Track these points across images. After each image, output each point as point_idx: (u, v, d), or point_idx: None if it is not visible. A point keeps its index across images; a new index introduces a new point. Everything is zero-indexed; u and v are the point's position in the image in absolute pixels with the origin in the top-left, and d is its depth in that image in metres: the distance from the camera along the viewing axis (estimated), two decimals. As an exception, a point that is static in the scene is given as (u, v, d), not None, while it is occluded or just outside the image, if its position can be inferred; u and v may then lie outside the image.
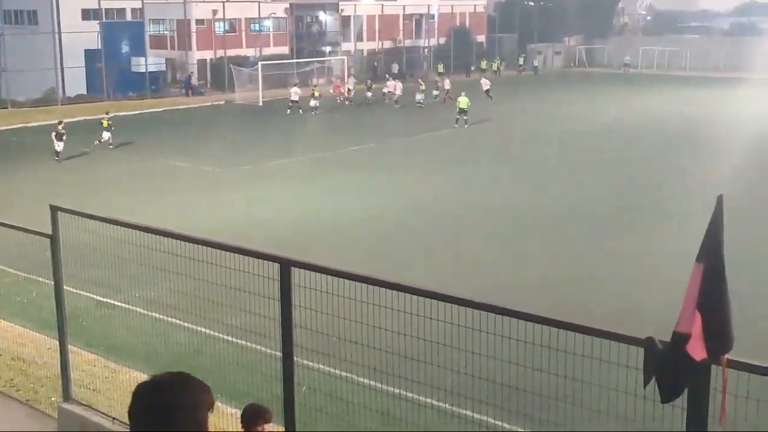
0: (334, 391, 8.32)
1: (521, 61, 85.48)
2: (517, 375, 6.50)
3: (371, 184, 29.45)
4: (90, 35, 58.35)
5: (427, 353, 6.84)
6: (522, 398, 6.86)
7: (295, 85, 53.56)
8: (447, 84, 58.59)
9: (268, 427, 7.33)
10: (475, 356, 6.74)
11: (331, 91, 57.16)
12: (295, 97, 51.18)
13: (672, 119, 46.93)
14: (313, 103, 50.51)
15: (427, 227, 23.20)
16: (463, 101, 44.64)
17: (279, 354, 7.44)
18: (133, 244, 9.15)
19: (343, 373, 8.22)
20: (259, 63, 59.41)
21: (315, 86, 55.29)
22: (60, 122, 36.10)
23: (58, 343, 10.50)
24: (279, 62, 63.89)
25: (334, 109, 52.86)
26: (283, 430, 7.28)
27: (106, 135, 37.95)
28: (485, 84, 57.73)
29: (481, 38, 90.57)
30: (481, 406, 7.48)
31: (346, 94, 57.07)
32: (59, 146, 34.20)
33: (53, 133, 34.69)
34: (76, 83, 58.22)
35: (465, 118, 44.36)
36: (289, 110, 50.56)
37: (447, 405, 8.02)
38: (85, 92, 58.66)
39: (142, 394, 3.09)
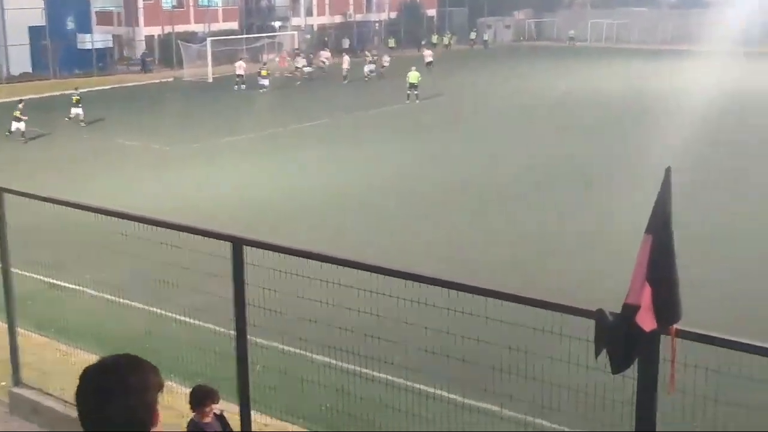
0: (288, 369, 8.32)
1: (473, 35, 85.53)
2: (471, 349, 6.55)
3: (325, 160, 29.34)
4: (34, 12, 57.11)
5: (382, 330, 6.86)
6: (476, 371, 6.92)
7: (240, 59, 53.01)
8: (386, 60, 58.51)
9: (215, 407, 7.32)
10: (430, 331, 6.77)
11: (277, 61, 56.98)
12: (240, 71, 50.75)
13: (622, 92, 47.37)
14: (261, 81, 49.99)
15: (387, 203, 23.17)
16: (413, 76, 44.59)
17: (233, 333, 7.41)
18: (82, 225, 9.04)
19: (299, 351, 8.22)
20: (208, 39, 58.71)
21: (265, 63, 54.62)
22: (21, 101, 35.32)
23: (6, 326, 10.34)
24: (228, 38, 63.18)
25: (283, 86, 52.45)
26: (237, 410, 7.26)
27: (75, 111, 37.51)
28: (428, 56, 58.42)
29: (432, 12, 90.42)
30: (437, 380, 7.54)
31: (295, 71, 56.79)
32: (18, 126, 33.41)
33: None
34: (20, 61, 57.02)
35: (416, 92, 44.35)
36: (236, 86, 50.11)
37: (401, 380, 8.06)
38: (30, 70, 57.51)
39: (89, 377, 3.03)
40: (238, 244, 7.20)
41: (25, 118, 33.73)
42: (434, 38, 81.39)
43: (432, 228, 20.45)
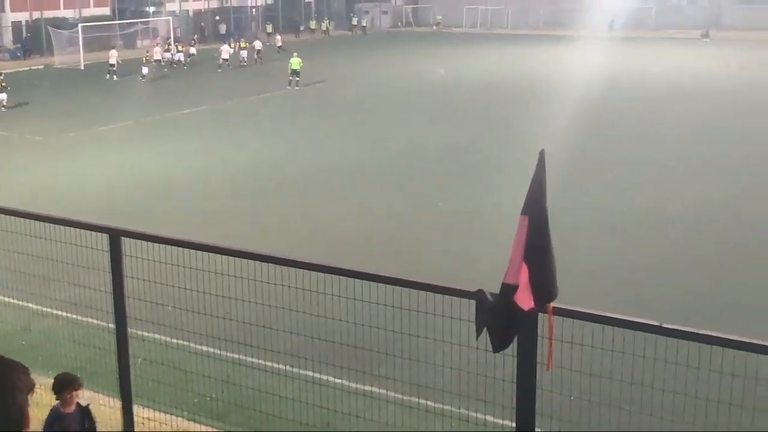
0: (171, 361, 8.20)
1: (354, 21, 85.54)
2: (355, 334, 6.61)
3: (206, 147, 28.88)
4: None
5: (266, 318, 6.84)
6: (361, 356, 6.99)
7: (113, 48, 51.56)
8: (279, 41, 58.63)
9: (79, 393, 7.22)
10: (313, 318, 6.80)
11: (148, 52, 55.87)
12: (113, 61, 49.16)
13: (498, 76, 48.31)
14: (143, 69, 48.27)
15: (269, 189, 22.99)
16: (294, 62, 44.41)
17: (112, 326, 7.27)
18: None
19: (181, 342, 8.11)
20: (80, 25, 56.88)
21: (148, 51, 53.10)
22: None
23: None
24: (100, 23, 61.37)
25: (159, 74, 51.29)
26: (119, 405, 7.12)
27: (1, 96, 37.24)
28: (278, 41, 62.57)
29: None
30: (320, 366, 7.58)
31: (171, 57, 55.76)
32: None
33: None
34: None
35: (297, 79, 44.19)
36: (108, 74, 48.81)
37: (287, 367, 8.07)
38: None
39: None
40: (115, 236, 7.06)
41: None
42: (312, 24, 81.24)
43: (307, 213, 20.43)
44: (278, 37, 66.57)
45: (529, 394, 5.07)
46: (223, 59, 53.79)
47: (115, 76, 48.52)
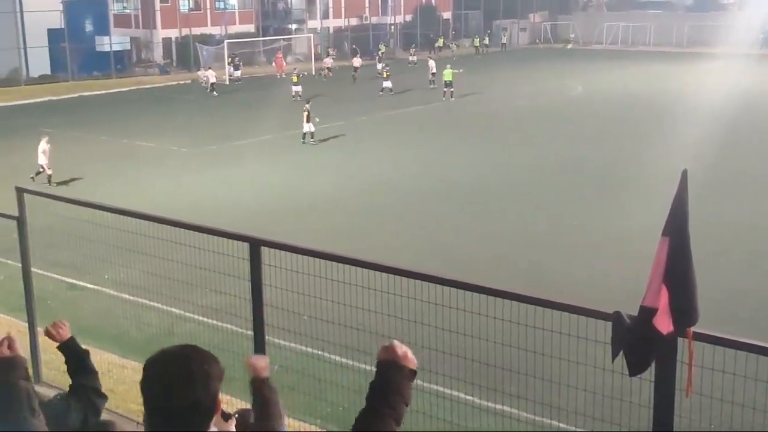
0: (306, 369, 8.36)
1: (486, 39, 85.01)
2: (486, 350, 6.58)
3: (338, 161, 29.33)
4: (53, 14, 57.50)
5: (397, 330, 6.90)
6: (492, 373, 6.94)
7: (209, 68, 52.27)
8: (357, 62, 58.40)
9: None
10: (444, 332, 6.81)
11: (273, 64, 57.25)
12: (213, 80, 50.00)
13: (639, 94, 47.19)
14: (295, 89, 46.99)
15: (399, 204, 23.15)
16: (447, 73, 44.82)
17: (250, 333, 7.47)
18: (100, 226, 9.12)
19: (316, 351, 8.26)
20: (225, 41, 58.91)
21: (295, 68, 53.60)
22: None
23: (26, 325, 10.44)
24: (244, 40, 63.39)
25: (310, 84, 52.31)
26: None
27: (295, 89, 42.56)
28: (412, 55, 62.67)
29: (447, 15, 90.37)
30: (451, 381, 7.56)
31: (325, 72, 56.95)
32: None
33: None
34: (39, 63, 57.35)
35: (451, 90, 44.52)
36: (209, 90, 49.54)
37: (417, 381, 8.08)
38: (49, 72, 57.85)
39: (154, 368, 3.11)
40: (255, 245, 7.26)
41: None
42: (440, 41, 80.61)
43: (440, 227, 20.43)
44: (412, 50, 67.37)
45: (667, 421, 4.92)
46: (354, 67, 55.30)
47: (215, 93, 49.32)
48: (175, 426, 3.05)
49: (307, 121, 32.82)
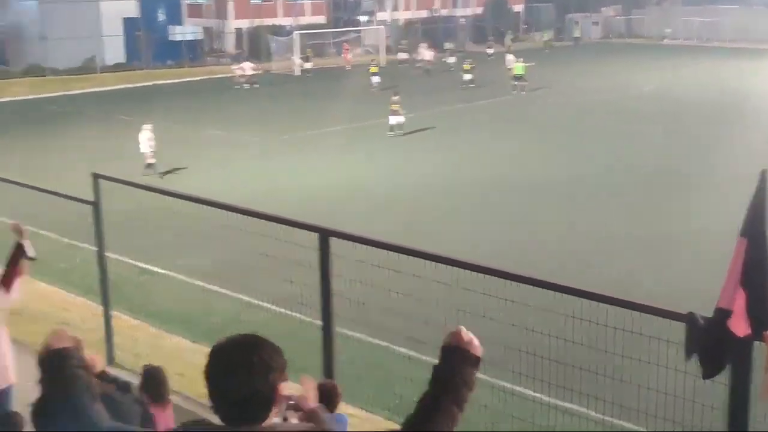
0: (373, 360, 8.41)
1: (552, 33, 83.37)
2: (557, 348, 6.54)
3: (416, 154, 29.21)
4: (128, 3, 58.60)
5: (466, 325, 6.88)
6: (562, 371, 6.90)
7: (245, 60, 52.05)
8: (428, 55, 57.64)
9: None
10: (514, 329, 6.78)
11: (373, 60, 57.15)
12: (249, 72, 49.62)
13: (715, 91, 46.19)
14: (375, 80, 47.11)
15: (492, 197, 23.01)
16: (518, 67, 44.40)
17: (318, 323, 7.54)
18: (173, 212, 9.29)
19: (383, 343, 8.29)
20: (295, 32, 59.33)
21: (373, 60, 53.15)
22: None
23: (101, 308, 10.71)
24: (315, 31, 63.76)
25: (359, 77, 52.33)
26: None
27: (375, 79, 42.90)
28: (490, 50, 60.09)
29: (518, 8, 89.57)
30: (520, 377, 7.53)
31: (425, 64, 56.15)
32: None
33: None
34: (114, 52, 58.51)
35: (523, 84, 44.13)
36: (238, 86, 49.01)
37: (486, 376, 8.08)
38: (123, 61, 58.97)
39: (216, 355, 3.19)
40: (324, 235, 7.33)
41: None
42: (509, 35, 79.53)
43: (512, 224, 20.31)
44: (489, 43, 66.81)
45: (741, 425, 4.85)
46: (425, 60, 54.75)
47: (246, 85, 48.82)
48: (233, 413, 3.13)
49: (395, 114, 32.73)
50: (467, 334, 3.28)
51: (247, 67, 50.20)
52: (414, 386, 8.30)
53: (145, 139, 26.24)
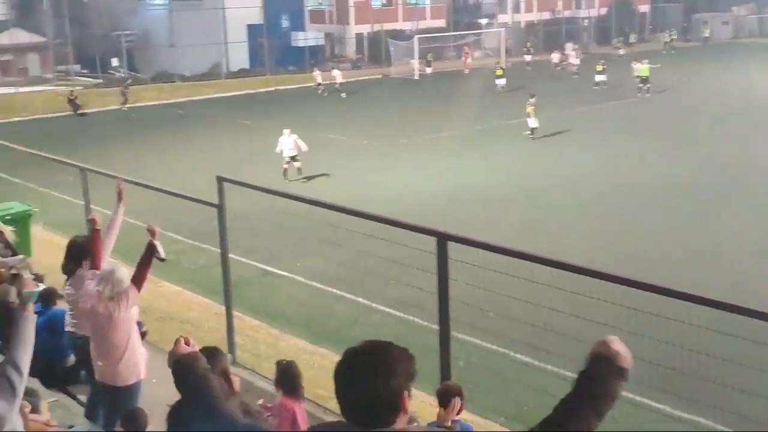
0: (490, 366, 8.33)
1: (667, 36, 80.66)
2: (679, 358, 6.33)
3: (539, 157, 28.86)
4: (253, 10, 59.98)
5: (585, 333, 6.72)
6: (682, 381, 6.68)
7: (330, 69, 51.92)
8: (556, 57, 56.86)
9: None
10: (631, 336, 6.59)
11: (497, 63, 56.83)
12: (340, 79, 49.39)
13: None
14: (500, 82, 47.40)
15: (590, 203, 22.56)
16: (643, 69, 43.57)
17: (435, 327, 7.51)
18: (293, 215, 9.43)
19: (500, 349, 8.20)
20: (416, 36, 59.52)
21: (498, 63, 52.42)
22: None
23: (223, 308, 10.96)
24: (435, 35, 63.81)
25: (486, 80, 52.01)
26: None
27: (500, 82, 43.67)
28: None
29: (644, 8, 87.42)
30: (637, 387, 7.31)
31: (571, 68, 55.13)
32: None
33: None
34: (239, 58, 60.01)
35: (648, 86, 43.27)
36: (320, 91, 49.06)
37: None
38: (247, 66, 60.40)
39: (344, 359, 3.24)
40: (442, 240, 7.30)
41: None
42: (633, 36, 77.38)
43: (638, 230, 19.78)
44: (618, 43, 65.30)
45: None
46: (554, 63, 53.83)
47: (325, 93, 48.60)
48: (358, 415, 3.16)
49: (530, 116, 32.37)
50: (617, 345, 3.20)
51: (339, 76, 50.15)
52: (532, 394, 8.21)
53: (288, 142, 26.10)
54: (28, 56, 59.45)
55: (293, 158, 25.89)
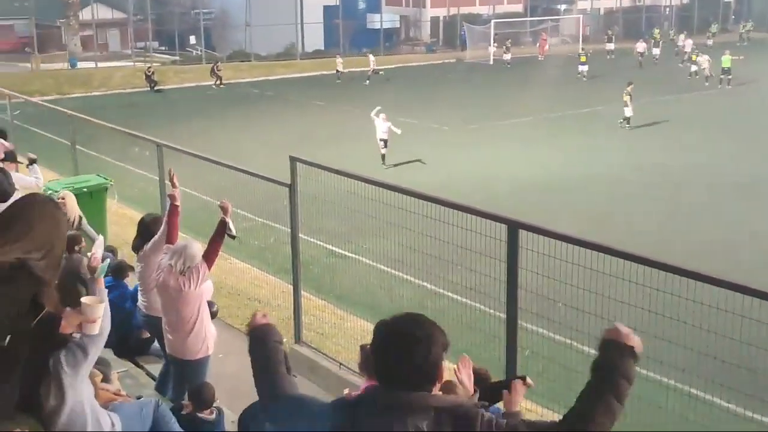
0: (555, 356, 8.26)
1: (749, 25, 78.25)
2: (755, 356, 6.19)
3: (611, 147, 28.40)
4: (329, -9, 60.34)
5: (654, 326, 6.61)
6: (755, 380, 6.53)
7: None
8: (641, 47, 55.20)
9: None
10: (704, 332, 6.47)
11: (538, 46, 56.23)
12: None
13: None
14: (582, 69, 46.76)
15: (658, 194, 22.20)
16: (725, 60, 42.80)
17: (501, 315, 7.47)
18: (362, 197, 9.45)
19: (567, 341, 8.12)
20: (492, 21, 59.06)
21: (582, 49, 50.84)
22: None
23: (291, 287, 11.06)
24: (512, 20, 63.23)
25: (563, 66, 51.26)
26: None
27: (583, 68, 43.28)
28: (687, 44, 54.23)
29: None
30: (707, 384, 7.18)
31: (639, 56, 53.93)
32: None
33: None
34: (314, 38, 60.33)
35: (729, 77, 42.47)
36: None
37: (670, 380, 7.77)
38: (322, 47, 60.68)
39: (380, 332, 3.37)
40: (513, 228, 7.25)
41: None
42: (713, 27, 74.82)
43: (717, 226, 19.35)
44: (682, 35, 63.58)
45: None
46: (638, 52, 52.75)
47: (368, 81, 47.51)
48: (395, 387, 3.26)
49: (627, 105, 31.71)
50: (624, 328, 3.32)
51: (372, 62, 48.75)
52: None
53: (382, 126, 25.91)
54: (108, 32, 60.75)
55: (385, 142, 25.83)
